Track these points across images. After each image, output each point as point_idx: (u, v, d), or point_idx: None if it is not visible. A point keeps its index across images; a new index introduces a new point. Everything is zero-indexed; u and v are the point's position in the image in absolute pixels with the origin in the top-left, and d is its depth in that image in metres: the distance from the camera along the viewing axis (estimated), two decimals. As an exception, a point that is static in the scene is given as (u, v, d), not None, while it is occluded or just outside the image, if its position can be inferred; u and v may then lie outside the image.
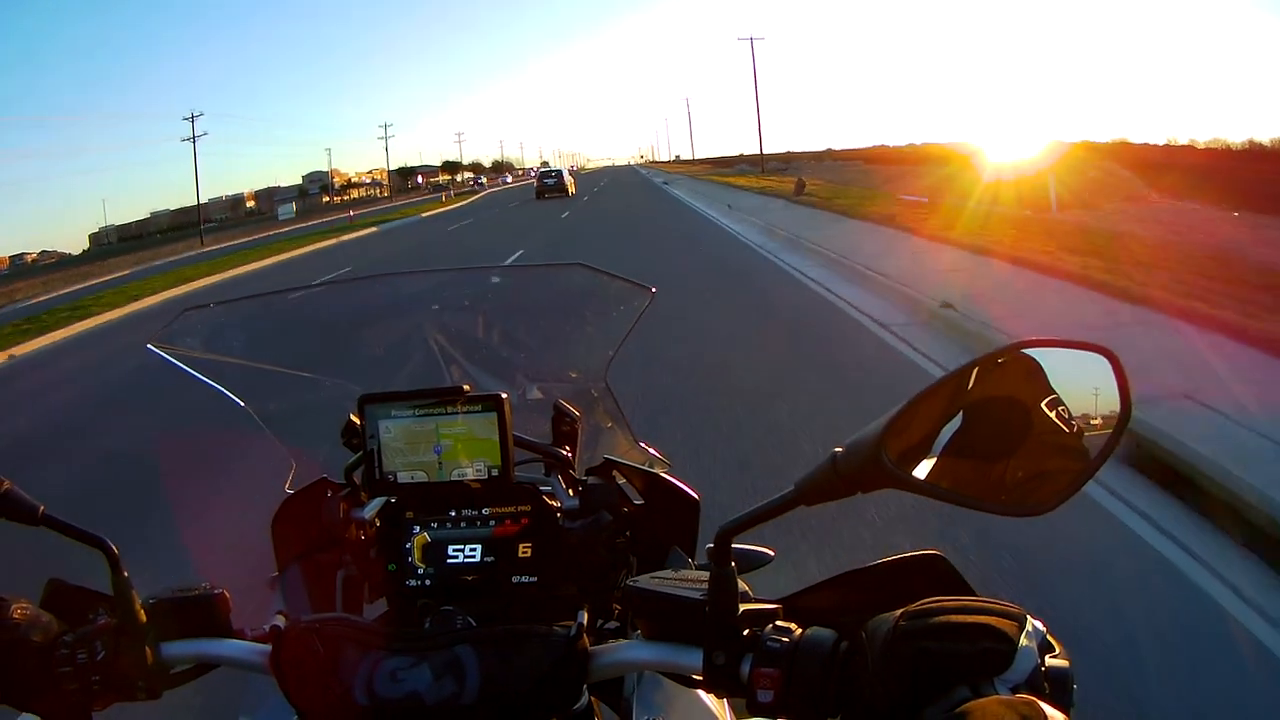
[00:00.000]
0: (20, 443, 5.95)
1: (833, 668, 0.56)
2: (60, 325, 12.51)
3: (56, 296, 20.30)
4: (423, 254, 17.35)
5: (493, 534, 0.90)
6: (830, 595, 0.64)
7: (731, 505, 0.87)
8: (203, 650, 0.72)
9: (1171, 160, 18.78)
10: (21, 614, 0.68)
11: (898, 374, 4.90)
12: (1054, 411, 0.56)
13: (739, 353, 5.72)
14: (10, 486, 0.68)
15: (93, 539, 0.68)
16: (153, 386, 6.50)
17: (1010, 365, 0.57)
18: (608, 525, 0.91)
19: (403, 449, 0.88)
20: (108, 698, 0.69)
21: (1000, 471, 0.56)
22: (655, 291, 1.08)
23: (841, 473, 0.56)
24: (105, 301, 15.12)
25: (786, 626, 0.60)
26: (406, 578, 0.90)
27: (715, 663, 0.60)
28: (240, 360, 1.11)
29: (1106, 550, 2.73)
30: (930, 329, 5.93)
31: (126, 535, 0.73)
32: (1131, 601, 2.44)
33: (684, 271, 9.54)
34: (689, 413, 4.40)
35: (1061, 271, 6.94)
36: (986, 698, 0.48)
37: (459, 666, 0.65)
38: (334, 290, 1.31)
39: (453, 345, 1.16)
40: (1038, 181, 13.90)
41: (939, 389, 0.56)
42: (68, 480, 4.61)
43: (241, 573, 0.98)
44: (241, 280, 17.35)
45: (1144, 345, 4.54)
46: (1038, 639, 0.52)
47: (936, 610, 0.53)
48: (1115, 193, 15.29)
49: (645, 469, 0.98)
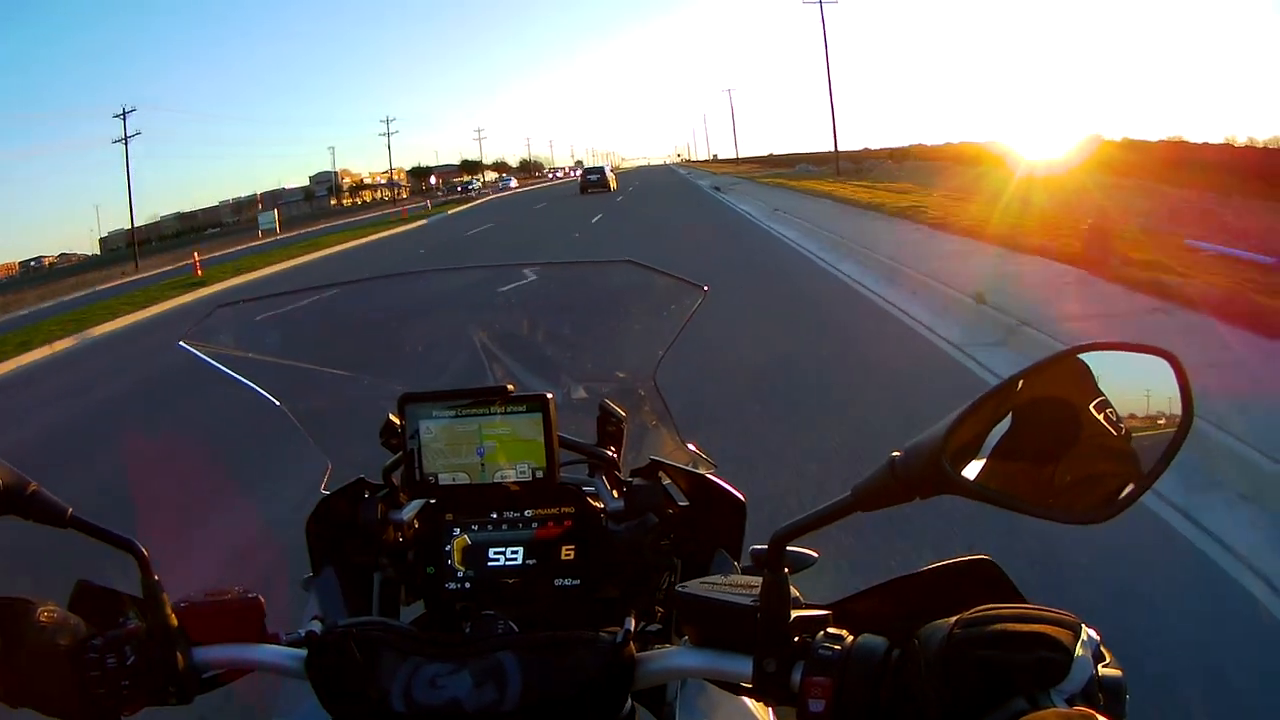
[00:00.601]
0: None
1: (885, 676, 0.56)
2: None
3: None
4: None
5: (535, 536, 0.89)
6: (880, 601, 0.64)
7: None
8: (236, 655, 0.71)
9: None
10: (49, 617, 0.67)
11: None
12: (1102, 414, 0.55)
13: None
14: (37, 488, 0.67)
15: (122, 541, 0.68)
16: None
17: (1058, 367, 0.56)
18: (653, 527, 0.90)
19: (444, 450, 0.87)
20: (137, 703, 0.68)
21: (1049, 474, 0.55)
22: (707, 290, 1.06)
23: (900, 477, 0.55)
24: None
25: (838, 633, 0.59)
26: (445, 580, 0.89)
27: (766, 670, 0.59)
28: (275, 358, 1.09)
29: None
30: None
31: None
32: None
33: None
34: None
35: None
36: (1043, 710, 0.47)
37: (500, 673, 0.64)
38: (372, 286, 1.30)
39: (496, 343, 1.15)
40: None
41: (996, 394, 0.56)
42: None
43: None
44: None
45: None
46: (1092, 648, 0.51)
47: (992, 618, 0.52)
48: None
49: (691, 470, 0.97)
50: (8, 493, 0.66)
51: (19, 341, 11.41)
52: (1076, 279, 6.60)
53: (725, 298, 6.90)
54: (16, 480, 0.66)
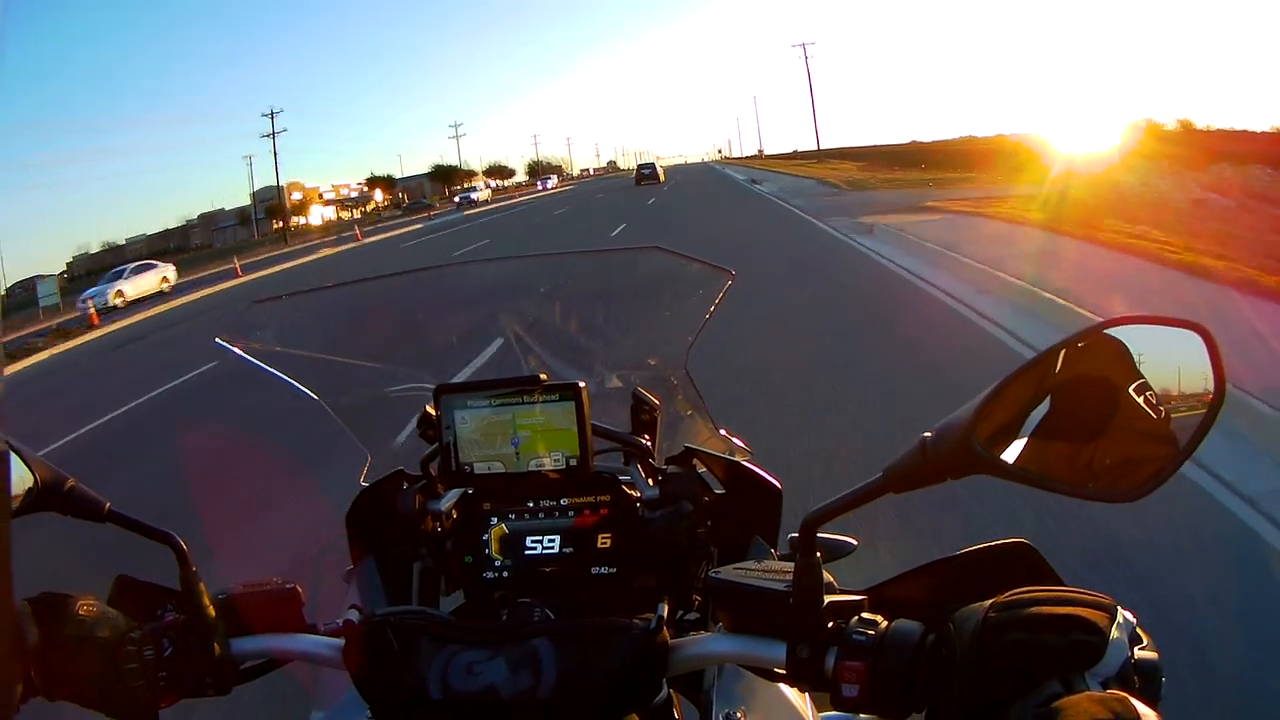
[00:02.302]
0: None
1: (919, 661, 0.55)
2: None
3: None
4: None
5: (572, 524, 0.89)
6: (916, 585, 0.63)
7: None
8: (274, 645, 0.72)
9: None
10: (88, 611, 0.68)
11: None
12: (1141, 396, 0.54)
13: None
14: (75, 484, 0.68)
15: (159, 534, 0.69)
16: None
17: (1097, 346, 0.55)
18: (688, 515, 0.89)
19: (479, 440, 0.88)
20: (175, 694, 0.69)
21: (1089, 456, 0.55)
22: (735, 274, 1.06)
23: (930, 458, 0.55)
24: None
25: (872, 619, 0.59)
26: (484, 570, 0.90)
27: (800, 656, 0.59)
28: (310, 353, 1.11)
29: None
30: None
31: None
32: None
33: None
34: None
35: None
36: (1078, 693, 0.47)
37: (536, 660, 0.64)
38: (404, 280, 1.32)
39: (529, 333, 1.15)
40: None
41: (1028, 371, 0.55)
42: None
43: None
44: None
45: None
46: (1128, 631, 0.50)
47: (1027, 601, 0.52)
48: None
49: (727, 457, 0.97)
50: (45, 489, 0.67)
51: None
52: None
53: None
54: (54, 477, 0.68)
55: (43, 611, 0.66)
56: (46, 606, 0.67)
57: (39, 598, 0.67)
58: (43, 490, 0.67)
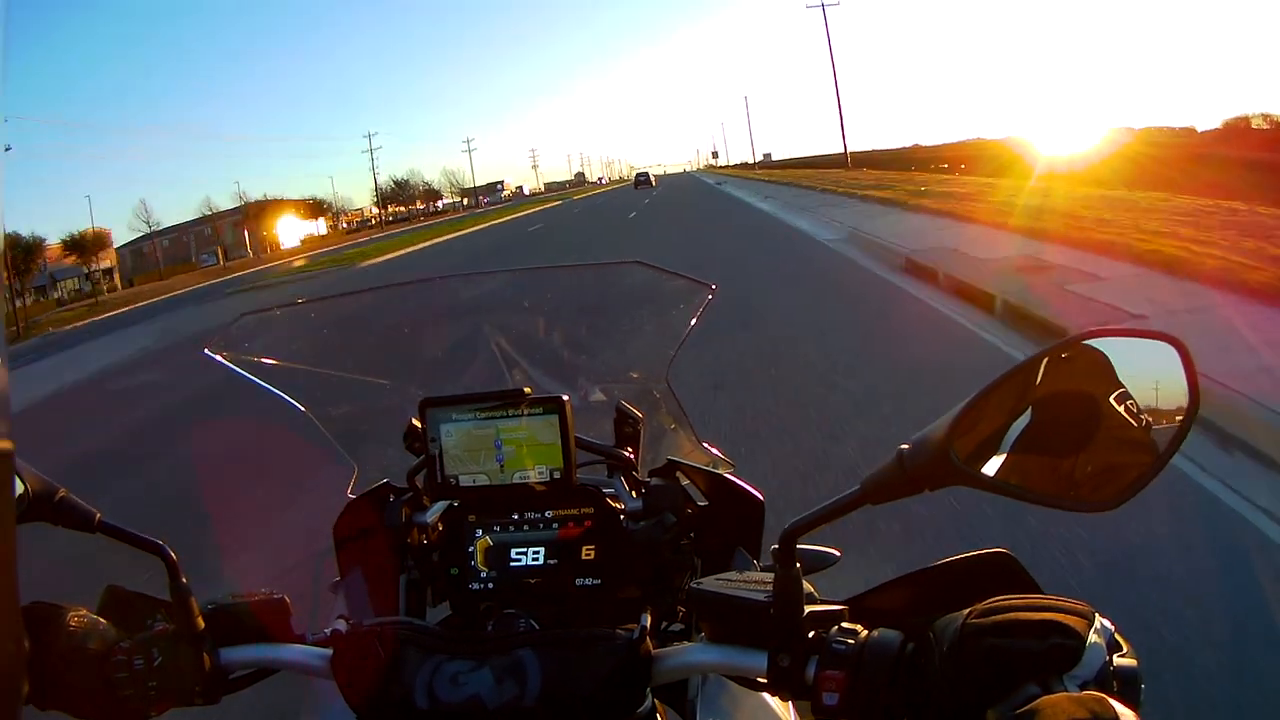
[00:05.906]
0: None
1: (899, 669, 0.56)
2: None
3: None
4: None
5: (556, 536, 0.90)
6: (896, 595, 0.64)
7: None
8: (263, 655, 0.72)
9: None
10: (78, 621, 0.68)
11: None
12: (1123, 405, 0.55)
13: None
14: (66, 494, 0.69)
15: (150, 545, 0.69)
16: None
17: (1078, 359, 0.56)
18: (672, 527, 0.90)
19: (464, 453, 0.89)
20: (165, 703, 0.69)
21: (1070, 467, 0.56)
22: (716, 288, 1.06)
23: (908, 470, 0.56)
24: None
25: (852, 628, 0.60)
26: (469, 581, 0.90)
27: (780, 665, 0.60)
28: (299, 365, 1.11)
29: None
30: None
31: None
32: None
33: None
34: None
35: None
36: (1056, 694, 0.48)
37: (520, 670, 0.65)
38: (391, 293, 1.32)
39: (513, 347, 1.16)
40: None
41: (1004, 383, 0.56)
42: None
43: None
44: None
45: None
46: (1106, 636, 0.51)
47: (1004, 608, 0.53)
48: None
49: (709, 470, 0.98)
50: (36, 499, 0.67)
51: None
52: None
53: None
54: (45, 487, 0.68)
55: (34, 621, 0.67)
56: (37, 616, 0.67)
57: (30, 607, 0.67)
58: (34, 500, 0.67)
